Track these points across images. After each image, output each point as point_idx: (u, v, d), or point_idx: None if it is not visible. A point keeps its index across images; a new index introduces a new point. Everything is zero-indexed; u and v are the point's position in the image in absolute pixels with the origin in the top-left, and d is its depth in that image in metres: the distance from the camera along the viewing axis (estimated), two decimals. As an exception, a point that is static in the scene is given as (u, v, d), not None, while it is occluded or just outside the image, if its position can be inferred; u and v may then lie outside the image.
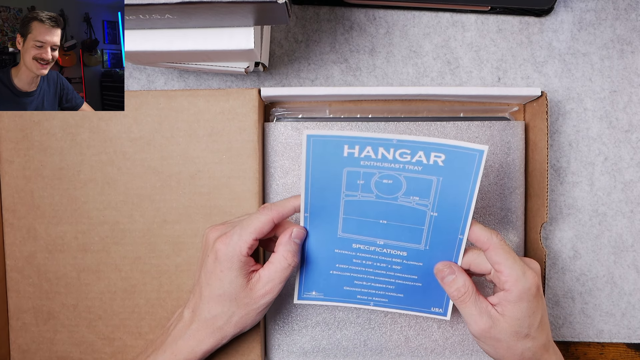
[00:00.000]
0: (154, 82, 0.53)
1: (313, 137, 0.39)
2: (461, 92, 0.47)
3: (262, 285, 0.42)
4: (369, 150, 0.39)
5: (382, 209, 0.41)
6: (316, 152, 0.39)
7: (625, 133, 0.52)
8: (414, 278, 0.44)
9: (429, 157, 0.39)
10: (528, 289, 0.40)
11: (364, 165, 0.40)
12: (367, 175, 0.40)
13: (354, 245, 0.43)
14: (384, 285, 0.45)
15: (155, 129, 0.48)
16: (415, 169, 0.39)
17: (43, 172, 0.49)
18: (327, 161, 0.40)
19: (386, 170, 0.40)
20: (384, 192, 0.41)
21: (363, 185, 0.40)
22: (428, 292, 0.45)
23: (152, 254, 0.49)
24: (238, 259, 0.41)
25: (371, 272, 0.44)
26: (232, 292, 0.41)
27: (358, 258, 0.44)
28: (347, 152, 0.39)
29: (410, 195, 0.40)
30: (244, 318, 0.42)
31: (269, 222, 0.41)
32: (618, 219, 0.52)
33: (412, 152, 0.38)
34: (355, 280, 0.45)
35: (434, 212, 0.41)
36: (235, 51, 0.42)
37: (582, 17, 0.51)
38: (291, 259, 0.42)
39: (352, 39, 0.52)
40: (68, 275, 0.49)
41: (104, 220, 0.49)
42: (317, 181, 0.41)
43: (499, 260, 0.40)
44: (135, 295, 0.49)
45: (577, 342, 0.53)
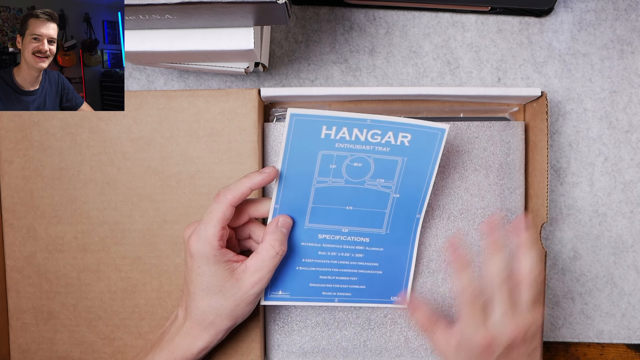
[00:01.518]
0: (154, 82, 0.53)
1: (296, 116, 0.40)
2: (461, 93, 0.47)
3: (249, 275, 0.41)
4: (344, 131, 0.41)
5: (349, 195, 0.44)
6: (296, 132, 0.41)
7: (625, 133, 0.52)
8: (375, 266, 0.47)
9: (397, 138, 0.42)
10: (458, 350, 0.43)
11: (338, 147, 0.42)
12: (339, 159, 0.43)
13: (320, 236, 0.45)
14: (348, 278, 0.47)
15: (155, 129, 0.48)
16: (383, 150, 0.43)
17: (43, 172, 0.49)
18: (305, 143, 0.42)
19: (357, 152, 0.42)
20: (353, 177, 0.43)
21: (335, 170, 0.43)
22: (387, 279, 0.47)
23: (152, 254, 0.49)
24: (211, 252, 0.41)
25: (335, 265, 0.46)
26: (216, 284, 0.41)
27: (323, 250, 0.46)
28: (325, 134, 0.41)
29: (377, 178, 0.44)
30: (234, 310, 0.42)
31: (228, 208, 0.41)
32: (618, 219, 0.52)
33: (383, 132, 0.42)
34: (321, 275, 0.46)
35: (397, 194, 0.44)
36: (235, 51, 0.42)
37: (582, 18, 0.51)
38: (279, 247, 0.42)
39: (352, 39, 0.52)
40: (68, 275, 0.49)
41: (103, 220, 0.49)
42: (292, 168, 0.43)
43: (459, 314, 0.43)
44: (135, 295, 0.49)
45: (577, 343, 0.53)
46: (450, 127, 0.49)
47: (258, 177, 0.41)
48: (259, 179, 0.41)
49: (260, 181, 0.41)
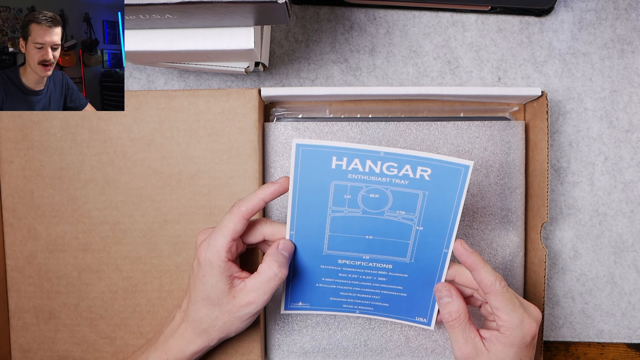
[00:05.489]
0: (154, 82, 0.53)
1: (302, 146, 0.39)
2: (461, 92, 0.47)
3: (245, 294, 0.41)
4: (356, 162, 0.39)
5: (368, 225, 0.41)
6: (305, 162, 0.39)
7: (626, 133, 0.52)
8: (399, 289, 0.45)
9: (415, 171, 0.39)
10: (522, 337, 0.40)
11: (351, 178, 0.40)
12: (354, 189, 0.40)
13: (340, 261, 0.43)
14: (370, 296, 0.45)
15: (156, 129, 0.48)
16: (401, 183, 0.40)
17: (43, 172, 0.49)
18: (315, 173, 0.40)
19: (373, 184, 0.40)
20: (371, 207, 0.41)
21: (350, 200, 0.40)
22: (413, 302, 0.45)
23: (153, 254, 0.49)
24: (217, 264, 0.40)
25: (357, 285, 0.45)
26: (215, 297, 0.41)
27: (344, 272, 0.44)
28: (335, 164, 0.39)
29: (397, 210, 0.41)
30: (227, 324, 0.42)
31: (240, 220, 0.40)
32: (618, 219, 0.52)
33: (399, 165, 0.39)
34: (341, 292, 0.45)
35: (420, 227, 0.41)
36: (235, 51, 0.42)
37: (583, 17, 0.51)
38: (277, 269, 0.41)
39: (352, 39, 0.52)
40: (69, 275, 0.49)
41: (104, 220, 0.49)
42: (304, 195, 0.41)
43: (499, 306, 0.40)
44: (136, 294, 0.49)
45: (577, 342, 0.53)
46: (450, 127, 0.49)
47: (270, 187, 0.41)
48: (271, 190, 0.41)
49: (272, 191, 0.41)
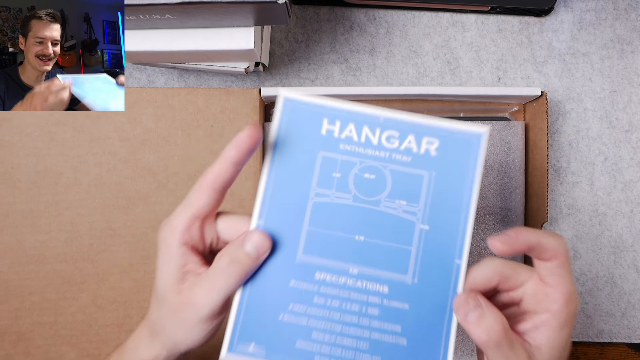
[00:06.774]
0: (154, 82, 0.53)
1: (290, 101, 0.33)
2: (461, 92, 0.47)
3: (188, 291, 0.31)
4: (351, 129, 0.33)
5: (359, 218, 0.33)
6: (290, 123, 0.33)
7: (625, 133, 0.52)
8: (396, 331, 0.32)
9: (420, 144, 0.33)
10: (575, 312, 0.31)
11: (343, 150, 0.33)
12: (345, 165, 0.33)
13: (318, 276, 0.33)
14: (354, 343, 0.32)
15: (151, 128, 0.47)
16: (403, 160, 0.33)
17: (14, 176, 0.46)
18: (301, 139, 0.33)
19: (369, 159, 0.33)
20: (364, 193, 0.33)
21: (339, 180, 0.33)
22: (415, 354, 0.32)
23: (147, 260, 0.47)
24: (171, 244, 0.32)
25: (337, 320, 0.32)
26: (161, 289, 0.32)
27: (321, 296, 0.32)
28: (326, 129, 0.33)
29: (396, 199, 0.33)
30: (173, 328, 0.32)
31: (206, 191, 0.31)
32: (618, 219, 0.52)
33: (401, 135, 0.33)
34: (314, 332, 0.32)
35: (425, 225, 0.33)
36: (235, 51, 0.42)
37: (582, 17, 0.51)
38: (229, 260, 0.31)
39: (352, 39, 0.52)
40: (44, 290, 0.46)
41: (89, 227, 0.46)
42: (282, 169, 0.33)
43: (563, 274, 0.31)
44: (126, 305, 0.47)
45: (577, 342, 0.53)
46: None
47: (236, 141, 0.31)
48: (238, 142, 0.31)
49: (239, 144, 0.31)
